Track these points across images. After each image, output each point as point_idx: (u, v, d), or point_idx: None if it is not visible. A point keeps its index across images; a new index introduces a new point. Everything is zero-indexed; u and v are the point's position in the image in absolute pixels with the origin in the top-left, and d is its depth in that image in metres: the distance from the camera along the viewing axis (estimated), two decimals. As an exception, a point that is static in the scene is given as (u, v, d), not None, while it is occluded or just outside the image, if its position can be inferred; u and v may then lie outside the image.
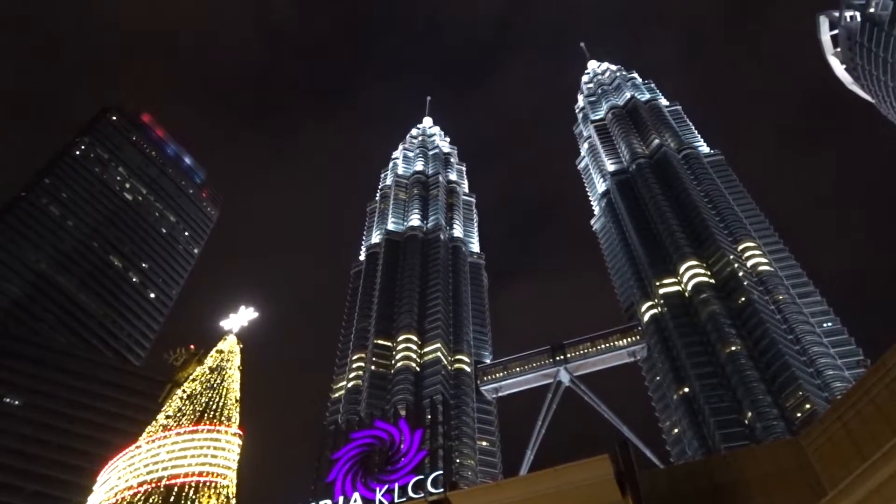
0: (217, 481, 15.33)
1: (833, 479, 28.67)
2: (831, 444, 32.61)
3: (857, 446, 29.90)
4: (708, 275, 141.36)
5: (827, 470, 31.43)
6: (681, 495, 35.08)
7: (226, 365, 20.64)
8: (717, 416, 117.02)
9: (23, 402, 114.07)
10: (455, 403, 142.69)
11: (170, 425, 16.86)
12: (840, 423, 32.86)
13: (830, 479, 29.44)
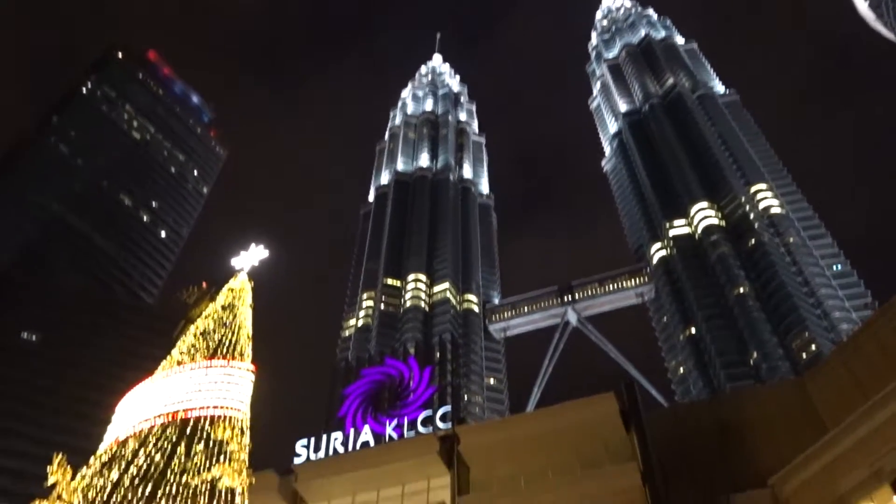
0: (231, 414, 15.75)
1: (836, 420, 29.09)
2: (835, 385, 32.99)
3: (861, 387, 30.22)
4: (719, 217, 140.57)
5: (830, 410, 31.87)
6: (684, 433, 35.75)
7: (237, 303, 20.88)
8: (723, 356, 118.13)
9: (40, 339, 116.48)
10: (463, 342, 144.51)
11: (184, 360, 17.25)
12: (845, 365, 33.17)
13: (833, 420, 29.87)
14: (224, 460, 14.59)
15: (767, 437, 33.15)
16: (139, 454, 14.32)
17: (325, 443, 38.57)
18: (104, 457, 14.86)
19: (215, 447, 15.05)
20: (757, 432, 33.95)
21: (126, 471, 13.87)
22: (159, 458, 14.23)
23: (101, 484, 13.64)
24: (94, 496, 13.32)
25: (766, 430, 33.75)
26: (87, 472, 14.43)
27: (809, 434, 29.78)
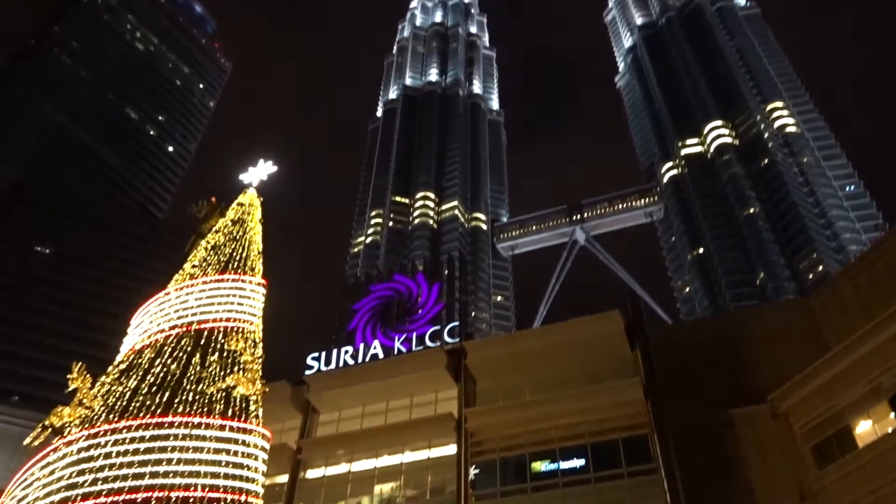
0: (244, 327, 16.10)
1: (839, 339, 29.45)
2: (840, 305, 33.24)
3: (866, 307, 30.45)
4: (732, 136, 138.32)
5: (834, 329, 32.23)
6: (688, 349, 36.36)
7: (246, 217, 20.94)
8: (729, 276, 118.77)
9: (53, 252, 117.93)
10: (471, 260, 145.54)
11: (196, 274, 17.48)
12: (851, 284, 33.31)
13: (837, 339, 30.24)
14: (238, 370, 14.97)
15: (770, 356, 33.68)
16: (156, 363, 14.73)
17: (335, 356, 39.51)
18: (122, 365, 15.30)
19: (229, 358, 15.43)
20: (759, 350, 34.48)
21: (144, 379, 14.31)
22: (175, 367, 14.63)
23: (120, 391, 14.11)
24: (113, 402, 13.79)
25: (769, 348, 34.25)
26: (106, 379, 14.90)
27: (812, 352, 30.25)
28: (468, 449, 33.50)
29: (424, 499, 34.34)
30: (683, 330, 48.85)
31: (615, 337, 33.67)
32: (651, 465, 29.75)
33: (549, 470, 31.53)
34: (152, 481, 11.97)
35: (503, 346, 38.36)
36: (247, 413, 14.44)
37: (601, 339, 33.76)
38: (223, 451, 13.24)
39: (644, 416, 31.24)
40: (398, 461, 35.56)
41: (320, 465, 36.94)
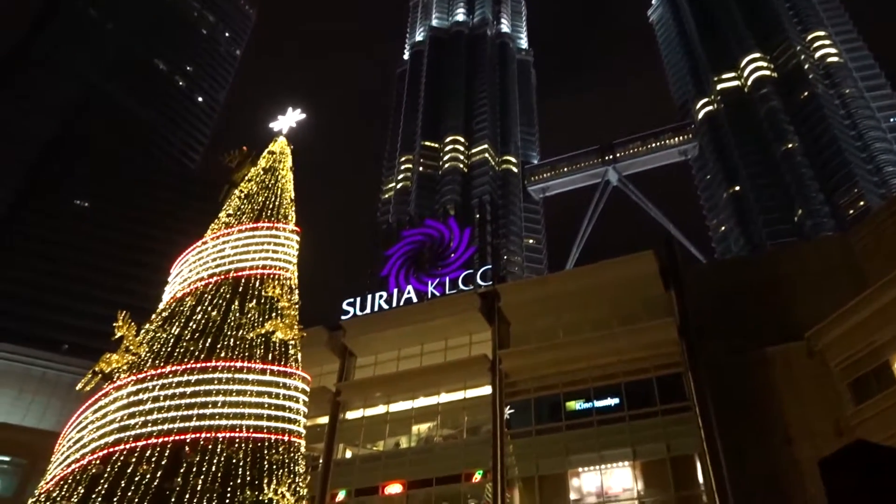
0: (280, 274, 16.40)
1: (879, 276, 28.88)
2: (880, 241, 32.51)
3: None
4: (771, 68, 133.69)
5: (873, 266, 31.60)
6: (723, 288, 36.07)
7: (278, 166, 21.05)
8: (766, 213, 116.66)
9: (91, 206, 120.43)
10: (502, 203, 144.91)
11: (231, 223, 17.74)
12: (892, 220, 32.50)
13: (876, 276, 29.65)
14: (276, 316, 15.30)
15: (807, 294, 33.26)
16: (197, 311, 15.12)
17: (370, 301, 40.08)
18: (164, 313, 15.75)
19: (267, 304, 15.76)
20: (796, 289, 34.07)
21: (186, 326, 14.73)
22: (216, 314, 15.02)
23: (164, 337, 14.56)
24: (158, 348, 14.26)
25: (806, 285, 33.81)
26: (150, 327, 15.38)
27: (850, 290, 29.77)
28: (503, 389, 34.03)
29: (461, 438, 35.17)
30: (718, 269, 48.40)
31: (649, 277, 33.48)
32: (685, 403, 29.95)
33: (583, 409, 31.96)
34: (199, 423, 12.45)
35: (536, 289, 38.45)
36: (286, 357, 14.82)
37: (634, 279, 33.61)
38: (265, 394, 13.66)
39: (678, 355, 31.30)
40: (434, 402, 36.33)
41: (359, 406, 37.94)
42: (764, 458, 28.71)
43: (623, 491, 30.07)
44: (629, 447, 30.03)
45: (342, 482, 35.17)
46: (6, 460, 39.76)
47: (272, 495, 11.84)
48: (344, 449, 37.54)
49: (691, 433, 28.95)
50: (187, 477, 11.47)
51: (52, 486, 11.89)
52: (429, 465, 33.81)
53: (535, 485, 31.43)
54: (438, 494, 32.86)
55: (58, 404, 45.41)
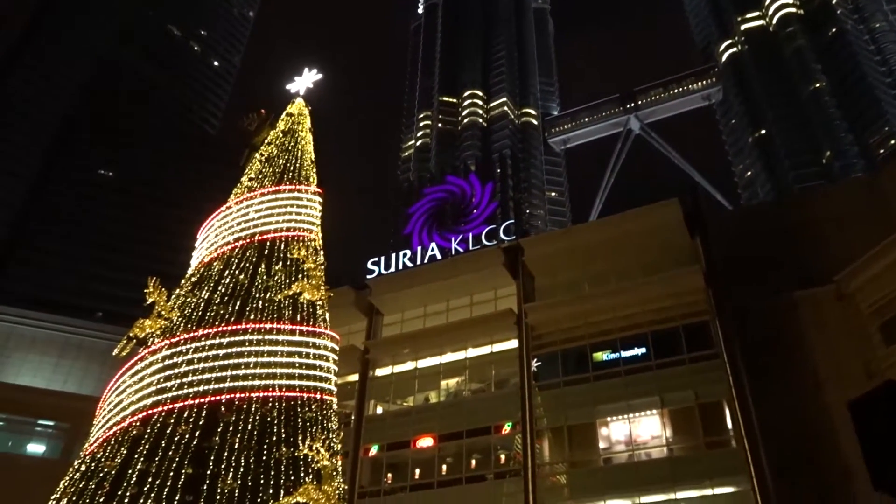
0: (304, 235, 16.54)
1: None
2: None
3: (941, 180, 29.08)
4: (797, 5, 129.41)
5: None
6: (749, 234, 35.67)
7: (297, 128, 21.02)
8: (793, 156, 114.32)
9: (115, 175, 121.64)
10: (523, 157, 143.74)
11: (254, 187, 17.86)
12: (926, 158, 31.70)
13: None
14: (302, 278, 15.47)
15: (835, 238, 32.77)
16: (225, 275, 15.34)
17: (394, 260, 40.29)
18: (194, 278, 16.00)
19: (293, 266, 15.93)
20: (824, 233, 33.56)
21: (215, 290, 14.97)
22: (243, 277, 15.22)
23: (194, 302, 14.82)
24: (189, 312, 14.53)
25: (834, 229, 33.29)
26: (180, 292, 15.65)
27: (880, 232, 29.25)
28: (529, 343, 34.26)
29: (489, 391, 35.63)
30: (744, 215, 47.78)
31: (674, 226, 33.17)
32: (712, 350, 29.94)
33: (610, 359, 32.11)
34: (233, 384, 12.76)
35: (560, 241, 38.33)
36: (314, 317, 15.03)
37: (659, 228, 33.33)
38: (296, 354, 13.92)
39: (704, 303, 31.17)
40: (462, 357, 36.73)
41: (387, 363, 38.49)
42: (793, 403, 28.74)
43: (651, 438, 30.37)
44: (657, 395, 30.20)
45: (374, 437, 35.94)
46: (51, 424, 41.19)
47: (307, 451, 12.16)
48: (375, 405, 38.25)
49: (719, 380, 29.00)
50: (224, 436, 11.82)
51: (95, 447, 12.33)
52: (458, 418, 34.36)
53: (564, 435, 31.84)
54: (469, 447, 33.45)
55: (96, 370, 46.73)
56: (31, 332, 49.01)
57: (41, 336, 48.89)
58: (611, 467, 30.62)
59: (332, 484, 11.91)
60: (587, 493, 29.89)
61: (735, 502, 27.22)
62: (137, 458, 11.51)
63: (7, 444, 40.83)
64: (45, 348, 48.40)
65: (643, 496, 28.52)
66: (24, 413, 40.65)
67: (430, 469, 33.73)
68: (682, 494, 27.76)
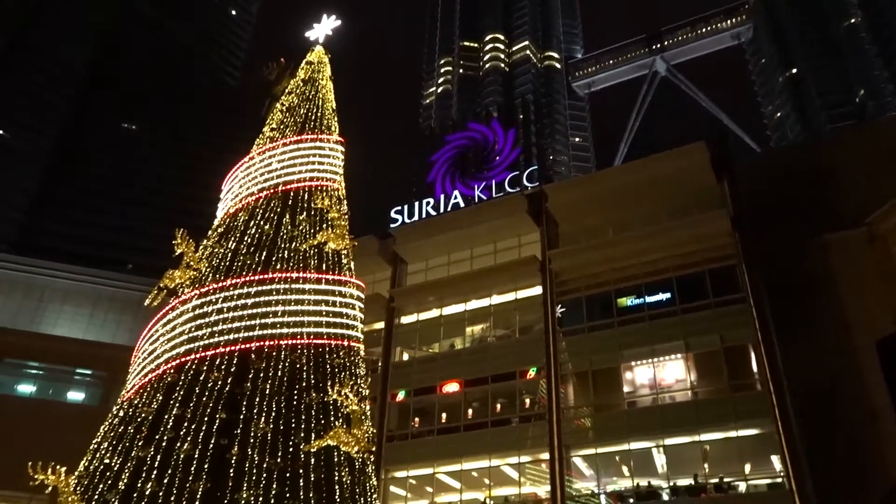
0: (327, 185, 16.59)
1: (946, 153, 27.57)
2: (950, 117, 30.83)
3: (980, 117, 28.12)
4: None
5: (941, 144, 30.13)
6: (778, 178, 35.06)
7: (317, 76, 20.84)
8: (825, 96, 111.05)
9: (139, 128, 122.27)
10: (546, 102, 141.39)
11: (276, 137, 17.84)
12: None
13: (943, 153, 28.32)
14: (326, 227, 15.56)
15: (867, 179, 32.03)
16: (250, 225, 15.49)
17: (417, 208, 40.31)
18: (220, 229, 16.19)
19: (317, 216, 16.01)
20: (856, 174, 32.84)
21: (241, 241, 15.14)
22: (268, 227, 15.36)
23: (221, 252, 15.03)
24: (217, 263, 14.75)
25: (866, 171, 32.54)
26: (207, 243, 15.86)
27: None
28: (553, 289, 34.35)
29: (514, 337, 35.96)
30: (774, 157, 46.88)
31: (700, 169, 32.64)
32: (739, 294, 29.78)
33: (634, 305, 32.13)
34: (262, 332, 13.01)
35: (584, 187, 38.02)
36: (340, 267, 15.17)
37: (686, 172, 32.82)
38: (322, 303, 14.11)
39: (731, 247, 30.87)
40: (486, 304, 36.98)
41: (413, 311, 38.91)
42: (820, 346, 28.65)
43: (676, 382, 30.58)
44: (682, 340, 30.26)
45: (401, 383, 36.62)
46: (89, 373, 42.58)
47: (336, 396, 12.44)
48: (401, 352, 38.86)
49: (745, 324, 28.93)
50: (256, 382, 12.13)
51: (132, 394, 12.74)
52: (484, 364, 34.82)
53: (589, 379, 32.16)
54: (494, 391, 33.98)
55: (129, 320, 47.90)
56: (65, 284, 50.23)
57: (74, 289, 50.11)
58: (635, 411, 30.97)
59: (361, 428, 12.21)
60: (611, 435, 30.32)
61: (759, 444, 27.48)
62: (173, 403, 11.89)
63: (48, 392, 42.39)
64: (79, 300, 49.65)
65: (667, 438, 28.88)
66: (63, 362, 42.04)
67: (456, 413, 34.40)
68: (705, 436, 28.06)
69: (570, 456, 30.72)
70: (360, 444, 12.07)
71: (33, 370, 42.32)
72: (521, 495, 31.78)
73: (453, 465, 33.31)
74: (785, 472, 25.73)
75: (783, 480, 25.95)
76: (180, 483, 10.60)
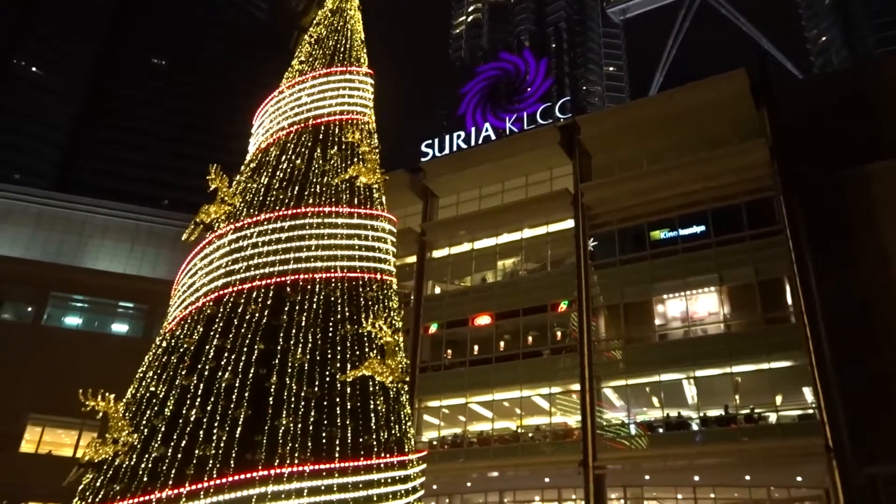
0: (357, 118, 16.45)
1: None
2: None
3: None
4: None
5: None
6: (821, 105, 33.83)
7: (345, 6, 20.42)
8: (875, 17, 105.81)
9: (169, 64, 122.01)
10: (580, 30, 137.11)
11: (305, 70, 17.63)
12: None
13: None
14: (357, 161, 15.53)
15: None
16: (282, 160, 15.52)
17: (447, 141, 39.95)
18: (252, 164, 16.27)
19: (348, 150, 15.95)
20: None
21: (274, 175, 15.21)
22: (300, 162, 15.36)
23: (255, 187, 15.15)
24: (251, 198, 14.89)
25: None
26: (240, 178, 15.98)
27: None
28: (585, 222, 34.13)
29: (545, 270, 36.03)
30: (816, 84, 45.13)
31: (739, 97, 31.63)
32: (775, 226, 29.28)
33: (668, 238, 31.84)
34: (297, 266, 13.20)
35: (617, 117, 37.20)
36: (371, 201, 15.20)
37: (724, 101, 31.85)
38: (355, 237, 14.20)
39: (769, 178, 30.18)
40: (518, 237, 36.97)
41: (444, 245, 39.10)
42: (857, 279, 28.19)
43: (708, 315, 30.53)
44: (715, 273, 30.05)
45: (434, 316, 37.15)
46: (131, 306, 43.93)
47: (370, 328, 12.68)
48: (433, 285, 39.27)
49: (781, 256, 28.56)
50: (292, 314, 12.40)
51: (174, 326, 13.13)
52: (515, 297, 35.07)
53: (620, 312, 32.27)
54: (526, 324, 34.33)
55: (167, 255, 49.02)
56: (104, 220, 51.35)
57: (114, 224, 51.22)
58: (666, 343, 31.11)
59: (394, 358, 12.47)
60: (642, 367, 30.60)
61: (791, 376, 27.51)
62: (213, 335, 12.24)
63: (94, 325, 43.95)
64: (119, 235, 50.82)
65: (698, 370, 29.05)
66: (107, 296, 43.39)
67: (487, 345, 34.94)
68: (737, 368, 28.16)
69: (600, 387, 31.15)
70: (395, 375, 12.36)
71: (78, 303, 43.81)
72: (552, 425, 32.46)
73: (485, 396, 34.04)
74: (817, 403, 25.81)
75: (814, 412, 26.06)
76: (223, 410, 11.02)
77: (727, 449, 27.16)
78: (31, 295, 41.41)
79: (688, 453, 28.05)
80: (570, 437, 31.37)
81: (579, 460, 29.23)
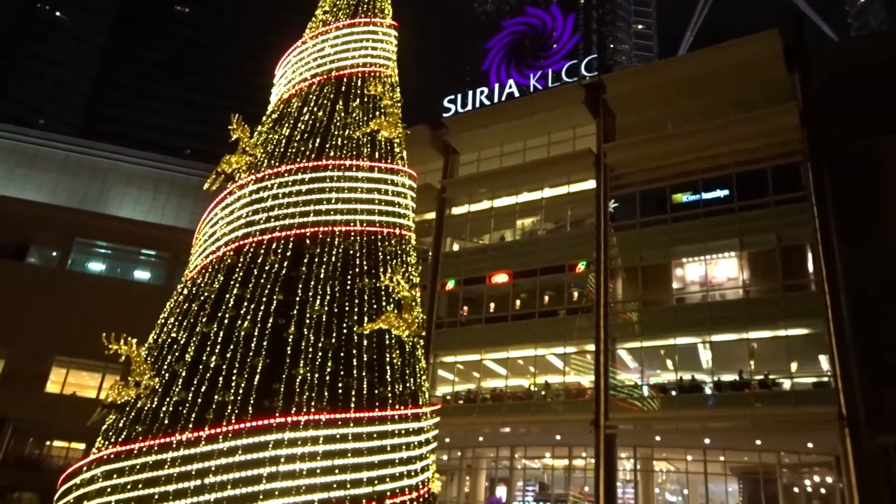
0: (380, 71, 16.28)
1: None
2: None
3: None
4: None
5: None
6: (856, 68, 32.78)
7: (369, -45, 20.12)
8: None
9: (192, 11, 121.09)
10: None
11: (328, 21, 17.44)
12: None
13: None
14: (379, 115, 15.42)
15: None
16: (304, 112, 15.44)
17: (471, 98, 39.50)
18: (274, 115, 16.21)
19: (370, 103, 15.83)
20: (942, 65, 30.50)
21: (295, 127, 15.15)
22: (322, 114, 15.28)
23: (276, 139, 15.12)
24: (272, 149, 14.88)
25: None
26: (262, 129, 15.94)
27: None
28: (607, 183, 33.84)
29: (564, 231, 35.90)
30: (852, 47, 43.74)
31: (771, 59, 30.84)
32: (801, 193, 28.83)
33: (690, 201, 31.49)
34: (316, 218, 13.24)
35: (644, 77, 36.48)
36: (392, 155, 15.13)
37: (755, 62, 31.08)
38: (375, 191, 14.18)
39: (797, 143, 29.59)
40: (538, 196, 36.77)
41: (464, 202, 39.02)
42: (882, 247, 27.72)
43: (727, 280, 30.37)
44: (736, 238, 29.76)
45: (451, 272, 37.30)
46: (153, 254, 44.57)
47: (388, 282, 12.75)
48: (451, 242, 39.34)
49: (805, 223, 28.19)
50: (311, 266, 12.48)
51: (195, 274, 13.30)
52: (533, 256, 35.06)
53: (638, 274, 32.20)
54: (543, 283, 34.38)
55: (189, 204, 49.47)
56: (128, 168, 51.79)
57: (137, 172, 51.66)
58: (683, 306, 31.05)
59: (411, 313, 12.55)
60: (658, 330, 30.64)
61: (808, 343, 27.44)
62: (233, 284, 12.38)
63: (116, 271, 44.71)
64: (142, 183, 51.30)
65: (714, 335, 29.03)
66: (130, 243, 44.03)
67: (504, 303, 35.09)
68: (753, 334, 28.09)
69: (615, 348, 31.28)
70: (411, 329, 12.46)
71: (102, 250, 44.51)
72: (565, 383, 32.75)
73: (500, 353, 34.34)
74: (832, 371, 25.75)
75: (829, 380, 26.02)
76: (241, 358, 11.20)
77: (740, 413, 27.27)
78: (57, 240, 42.11)
79: (700, 416, 28.22)
80: (582, 396, 31.65)
81: (591, 419, 29.55)
